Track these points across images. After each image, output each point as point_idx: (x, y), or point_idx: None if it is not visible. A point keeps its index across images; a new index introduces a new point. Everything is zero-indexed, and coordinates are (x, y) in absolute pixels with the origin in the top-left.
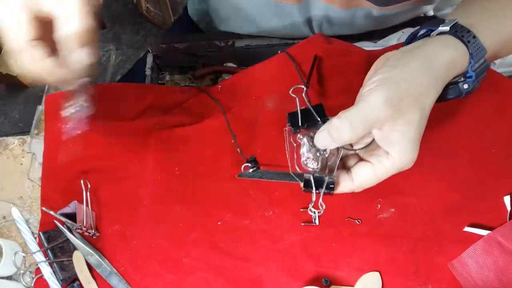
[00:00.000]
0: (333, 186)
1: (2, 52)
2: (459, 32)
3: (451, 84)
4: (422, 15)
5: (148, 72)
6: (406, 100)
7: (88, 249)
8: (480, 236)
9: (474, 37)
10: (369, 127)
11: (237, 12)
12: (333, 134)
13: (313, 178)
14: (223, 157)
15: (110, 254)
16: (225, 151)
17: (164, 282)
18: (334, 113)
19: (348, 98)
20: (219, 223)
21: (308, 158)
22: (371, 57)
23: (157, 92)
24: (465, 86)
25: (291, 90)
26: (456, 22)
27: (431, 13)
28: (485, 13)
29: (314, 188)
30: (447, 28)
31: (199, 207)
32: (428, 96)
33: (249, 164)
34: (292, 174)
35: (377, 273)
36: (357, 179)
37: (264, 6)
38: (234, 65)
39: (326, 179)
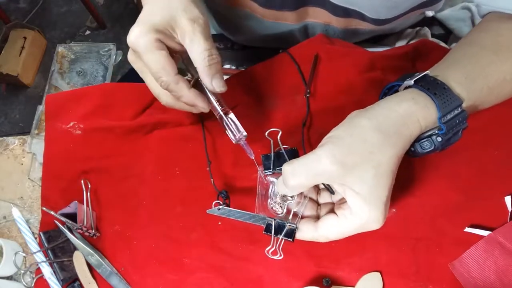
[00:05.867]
0: (293, 233)
1: (3, 52)
2: (426, 84)
3: (427, 137)
4: (422, 17)
5: None
6: (353, 157)
7: (88, 249)
8: (481, 237)
9: (444, 88)
10: (314, 178)
11: (234, 25)
12: (284, 179)
13: (275, 223)
14: (223, 156)
15: (111, 254)
16: (225, 150)
17: (165, 282)
18: (336, 114)
19: (348, 99)
20: (219, 223)
21: (275, 202)
22: (373, 58)
23: None
24: (438, 139)
25: (267, 133)
26: (426, 75)
27: (430, 14)
28: (466, 59)
29: (273, 234)
30: (411, 82)
31: (200, 207)
32: (380, 153)
33: (220, 201)
34: (257, 217)
35: (378, 274)
36: (322, 230)
37: (263, 23)
38: (233, 67)
39: (287, 226)
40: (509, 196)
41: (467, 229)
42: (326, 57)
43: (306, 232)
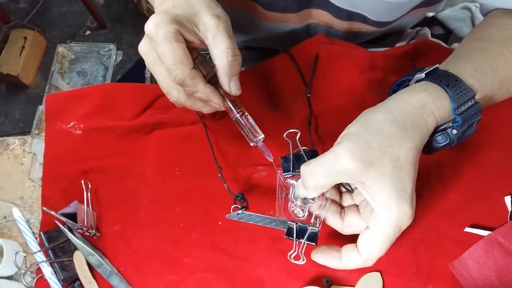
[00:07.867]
0: (315, 237)
1: (3, 52)
2: (437, 77)
3: (442, 131)
4: (423, 17)
5: (148, 73)
6: (371, 152)
7: (88, 249)
8: (481, 237)
9: (456, 79)
10: (333, 178)
11: (236, 26)
12: (302, 180)
13: (296, 227)
14: (226, 157)
15: (111, 254)
16: (227, 151)
17: (165, 282)
18: (337, 114)
19: (349, 99)
20: (219, 223)
21: (296, 205)
22: (373, 58)
23: (157, 92)
24: (454, 131)
25: (285, 134)
26: (436, 68)
27: (430, 14)
28: (476, 53)
29: (295, 238)
30: (422, 75)
31: (200, 207)
32: (398, 146)
33: (238, 206)
34: (277, 220)
35: (378, 274)
36: (364, 252)
37: (265, 25)
38: None
39: (309, 229)
40: (509, 196)
41: (467, 229)
42: (326, 57)
43: (351, 261)
